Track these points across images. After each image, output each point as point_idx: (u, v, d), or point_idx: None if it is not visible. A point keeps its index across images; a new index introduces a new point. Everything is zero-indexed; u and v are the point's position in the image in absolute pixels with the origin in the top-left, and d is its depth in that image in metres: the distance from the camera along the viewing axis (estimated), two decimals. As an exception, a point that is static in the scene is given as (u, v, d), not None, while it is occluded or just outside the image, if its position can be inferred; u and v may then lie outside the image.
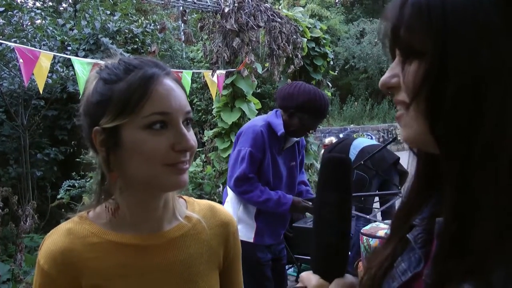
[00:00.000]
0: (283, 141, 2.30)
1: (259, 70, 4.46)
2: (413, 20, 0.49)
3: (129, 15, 7.66)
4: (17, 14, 5.20)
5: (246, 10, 4.09)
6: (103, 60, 0.84)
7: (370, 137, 6.03)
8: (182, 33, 7.57)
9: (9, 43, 3.19)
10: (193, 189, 4.53)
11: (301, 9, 5.42)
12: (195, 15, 6.65)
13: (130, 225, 0.82)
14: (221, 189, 4.35)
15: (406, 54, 0.51)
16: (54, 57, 3.16)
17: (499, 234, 0.45)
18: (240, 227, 2.24)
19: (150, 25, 7.02)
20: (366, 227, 2.99)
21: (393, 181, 3.94)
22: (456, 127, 0.47)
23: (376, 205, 4.13)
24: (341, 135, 6.06)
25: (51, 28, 5.83)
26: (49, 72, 3.10)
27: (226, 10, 4.06)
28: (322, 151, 5.39)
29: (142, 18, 8.32)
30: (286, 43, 4.41)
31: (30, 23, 5.45)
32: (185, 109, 0.78)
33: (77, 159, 4.51)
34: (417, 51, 0.50)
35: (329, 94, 5.62)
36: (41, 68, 2.54)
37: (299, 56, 4.67)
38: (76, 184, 4.63)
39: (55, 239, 0.80)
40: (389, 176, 3.98)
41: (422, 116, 0.50)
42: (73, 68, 2.99)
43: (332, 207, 0.66)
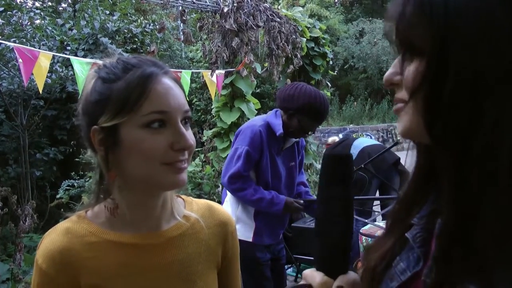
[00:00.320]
0: (282, 141, 2.30)
1: (258, 70, 4.46)
2: (414, 17, 0.49)
3: (128, 15, 7.64)
4: (17, 14, 5.20)
5: (245, 10, 4.09)
6: (102, 60, 0.84)
7: (369, 137, 6.01)
8: (181, 33, 7.56)
9: (8, 43, 3.19)
10: (192, 189, 4.52)
11: (300, 8, 5.43)
12: (194, 15, 6.65)
13: (128, 224, 0.82)
14: (220, 189, 4.35)
15: (407, 52, 0.51)
16: (54, 57, 3.16)
17: (501, 234, 0.44)
18: (239, 227, 2.26)
19: (149, 25, 7.00)
20: (365, 227, 2.99)
21: (393, 183, 3.91)
22: (455, 127, 0.46)
23: (375, 206, 4.12)
24: (340, 135, 6.04)
25: (50, 28, 5.83)
26: (48, 72, 3.10)
27: (225, 10, 4.06)
28: (324, 151, 5.39)
29: (141, 18, 8.31)
30: (285, 43, 4.41)
31: (29, 23, 5.44)
32: (183, 108, 0.78)
33: (77, 159, 4.51)
34: (417, 49, 0.49)
35: (328, 94, 5.63)
36: (40, 68, 2.55)
37: (299, 56, 4.67)
38: (75, 184, 4.62)
39: (53, 238, 0.80)
40: (389, 177, 3.97)
41: (419, 114, 0.49)
42: (72, 68, 2.99)
43: (336, 202, 0.67)
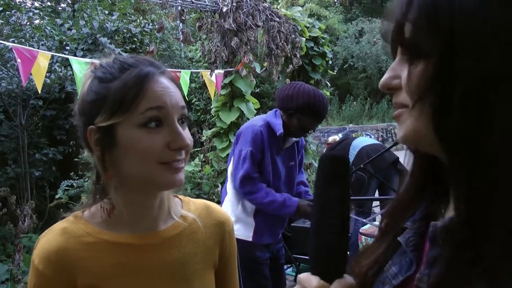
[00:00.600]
0: (282, 141, 2.30)
1: (258, 70, 4.46)
2: (418, 20, 0.48)
3: (128, 14, 7.63)
4: (15, 14, 5.20)
5: (245, 10, 4.09)
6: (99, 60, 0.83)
7: (369, 136, 6.01)
8: (180, 33, 7.57)
9: (7, 43, 3.19)
10: (191, 188, 4.52)
11: (300, 8, 5.41)
12: (194, 14, 6.64)
13: (125, 225, 0.82)
14: (219, 188, 4.34)
15: (410, 55, 0.49)
16: (52, 57, 3.15)
17: (509, 242, 0.43)
18: (238, 226, 2.27)
19: (148, 25, 7.00)
20: (365, 227, 3.00)
21: (392, 183, 3.91)
22: (463, 132, 0.45)
23: (375, 206, 4.12)
24: (340, 135, 6.04)
25: (49, 28, 5.83)
26: (47, 72, 3.10)
27: (224, 9, 4.06)
28: (325, 150, 5.39)
29: (141, 18, 8.30)
30: (284, 43, 4.40)
31: (28, 23, 5.44)
32: (180, 106, 0.78)
33: (76, 159, 4.50)
34: (422, 52, 0.48)
35: (327, 93, 5.62)
36: (39, 68, 2.55)
37: (298, 55, 4.66)
38: (74, 184, 4.61)
39: (50, 238, 0.80)
40: (389, 176, 3.96)
41: (426, 119, 0.48)
42: (71, 68, 2.99)
43: (332, 203, 0.66)
